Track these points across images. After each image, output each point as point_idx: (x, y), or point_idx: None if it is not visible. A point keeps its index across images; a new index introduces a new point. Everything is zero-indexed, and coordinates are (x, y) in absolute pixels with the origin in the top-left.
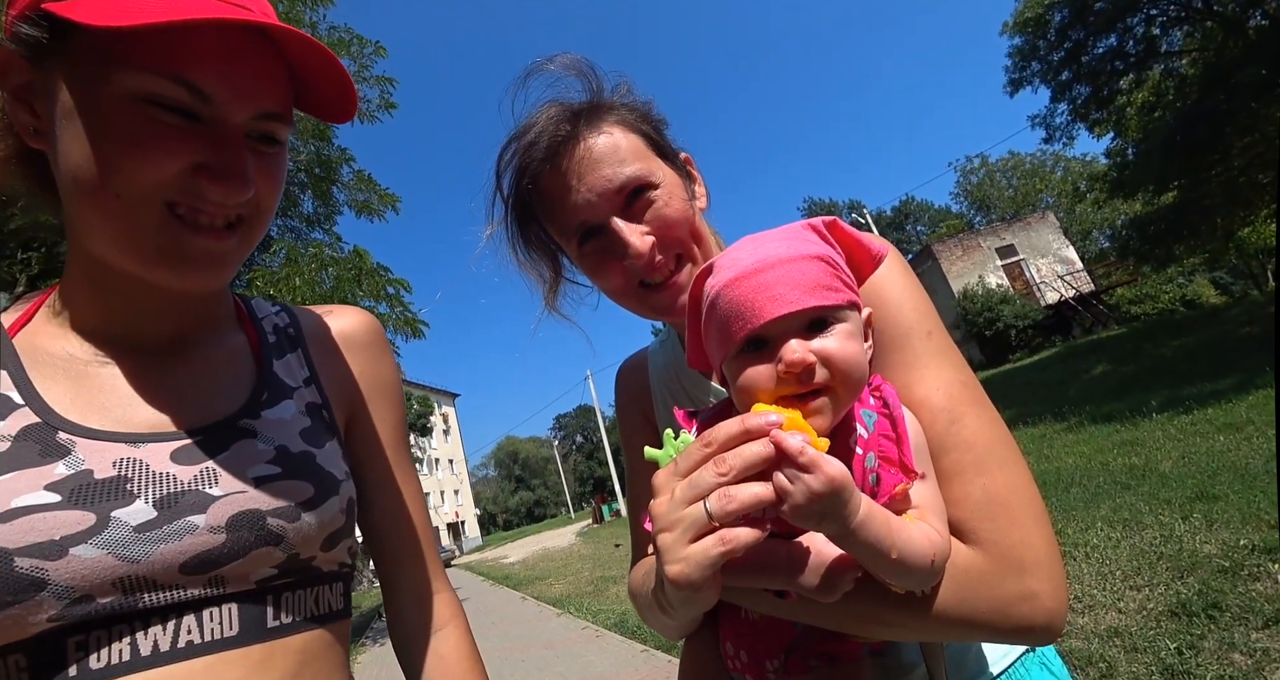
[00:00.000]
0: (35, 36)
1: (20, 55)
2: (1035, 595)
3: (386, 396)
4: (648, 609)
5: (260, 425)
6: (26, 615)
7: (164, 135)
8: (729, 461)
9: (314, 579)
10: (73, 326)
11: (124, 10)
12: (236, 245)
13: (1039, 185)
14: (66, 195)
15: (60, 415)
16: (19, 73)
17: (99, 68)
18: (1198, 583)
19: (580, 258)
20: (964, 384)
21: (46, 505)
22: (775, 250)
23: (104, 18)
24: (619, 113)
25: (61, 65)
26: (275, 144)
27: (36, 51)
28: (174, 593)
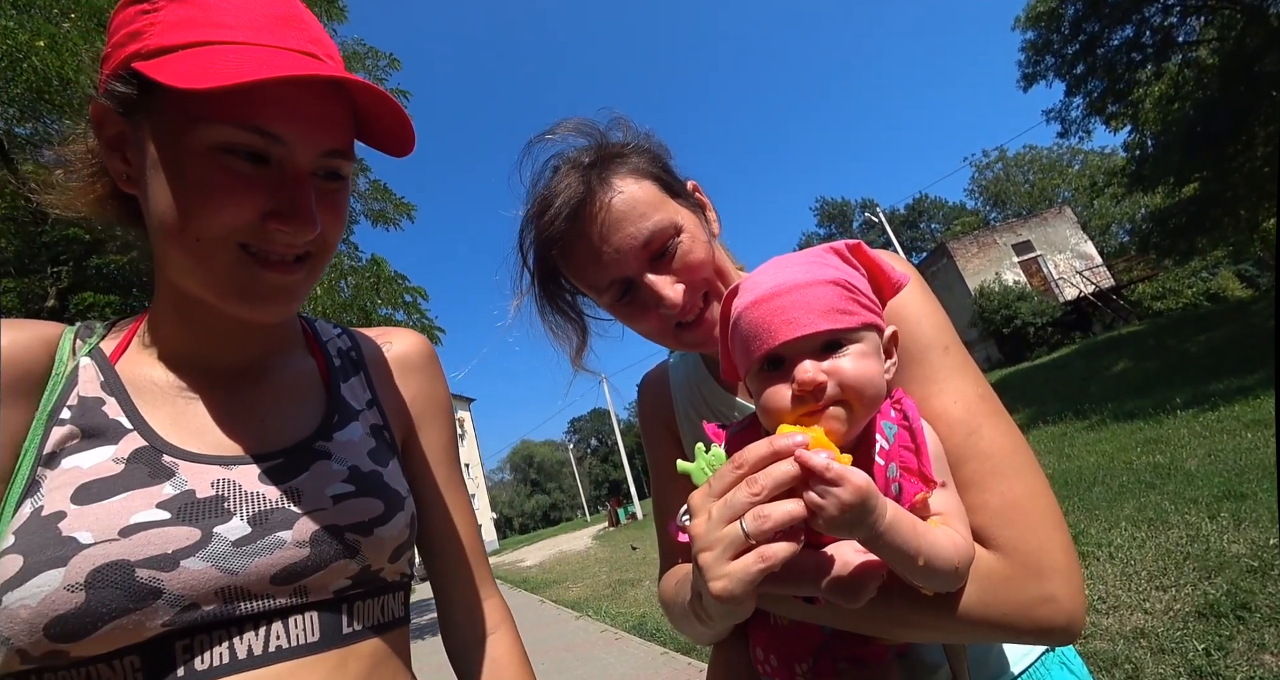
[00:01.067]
0: (126, 93)
1: (113, 109)
2: (1055, 598)
3: (439, 416)
4: (683, 618)
5: (333, 447)
6: (145, 620)
7: (238, 185)
8: (760, 481)
9: (381, 589)
10: (162, 354)
11: (204, 71)
12: (304, 278)
13: (1056, 179)
14: (154, 235)
15: (164, 439)
16: (113, 124)
17: (181, 121)
18: (1226, 583)
19: (614, 308)
20: (981, 397)
21: (160, 522)
22: (793, 275)
23: (186, 79)
24: (629, 160)
25: (149, 118)
26: (339, 179)
27: (127, 106)
28: (265, 601)
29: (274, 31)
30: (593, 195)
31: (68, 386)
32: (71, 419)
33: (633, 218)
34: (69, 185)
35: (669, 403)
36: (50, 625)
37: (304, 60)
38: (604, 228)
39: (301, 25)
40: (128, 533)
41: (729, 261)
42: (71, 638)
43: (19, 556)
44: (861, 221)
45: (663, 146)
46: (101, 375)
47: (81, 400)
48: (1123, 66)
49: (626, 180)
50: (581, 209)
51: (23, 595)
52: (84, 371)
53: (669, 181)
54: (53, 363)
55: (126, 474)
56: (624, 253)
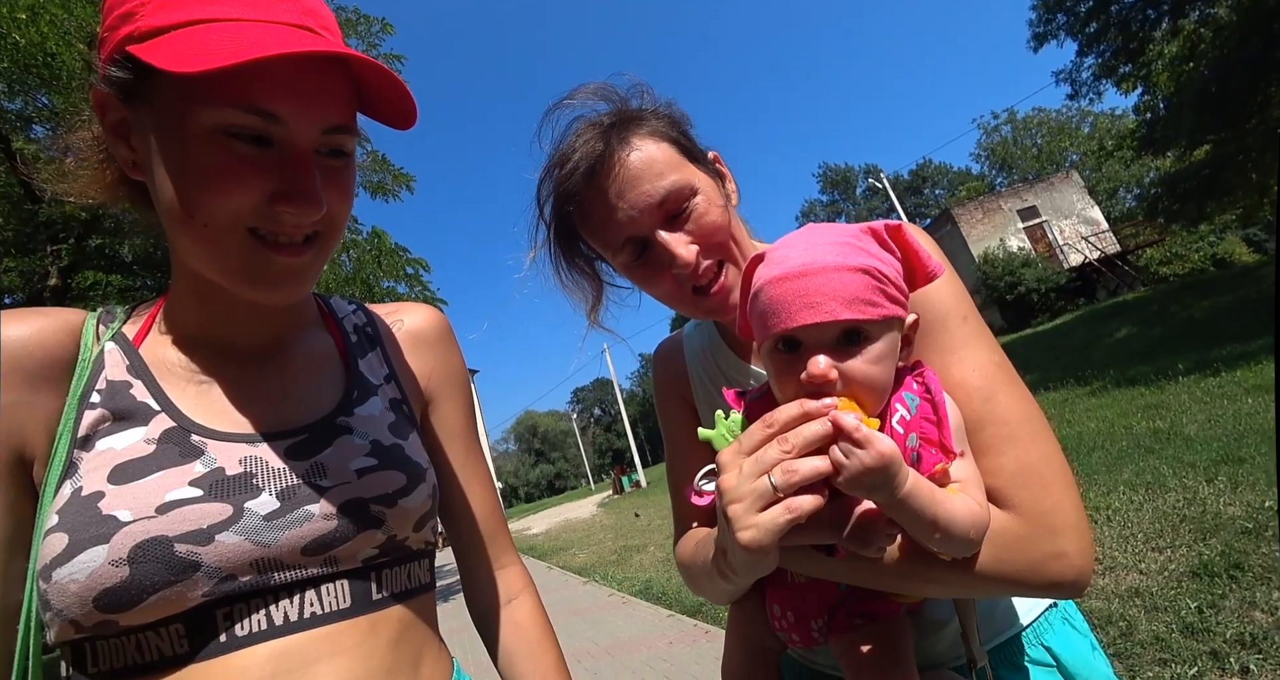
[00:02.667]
0: (123, 78)
1: (113, 95)
2: (1066, 554)
3: (456, 388)
4: (705, 577)
5: (355, 422)
6: (186, 591)
7: (241, 169)
8: (791, 440)
9: (407, 557)
10: (183, 336)
11: (197, 53)
12: (313, 258)
13: (1065, 142)
14: (164, 221)
15: (191, 419)
16: (115, 110)
17: (180, 105)
18: (1220, 544)
19: (628, 269)
20: (998, 365)
21: (193, 499)
22: (824, 256)
23: (179, 63)
24: (648, 123)
25: (149, 103)
26: (343, 156)
27: (126, 91)
28: (297, 571)
29: (266, 5)
30: (611, 152)
31: (95, 371)
32: (102, 402)
33: (649, 176)
34: (80, 173)
35: (684, 372)
36: (99, 598)
37: (299, 34)
38: (621, 185)
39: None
40: (164, 510)
41: (745, 233)
42: (119, 609)
43: (64, 535)
44: (865, 187)
45: (684, 115)
46: (127, 359)
47: (110, 384)
48: (1137, 24)
49: (646, 141)
50: (599, 165)
51: (71, 571)
52: (110, 356)
53: (688, 146)
54: (78, 348)
55: (158, 454)
56: (639, 211)
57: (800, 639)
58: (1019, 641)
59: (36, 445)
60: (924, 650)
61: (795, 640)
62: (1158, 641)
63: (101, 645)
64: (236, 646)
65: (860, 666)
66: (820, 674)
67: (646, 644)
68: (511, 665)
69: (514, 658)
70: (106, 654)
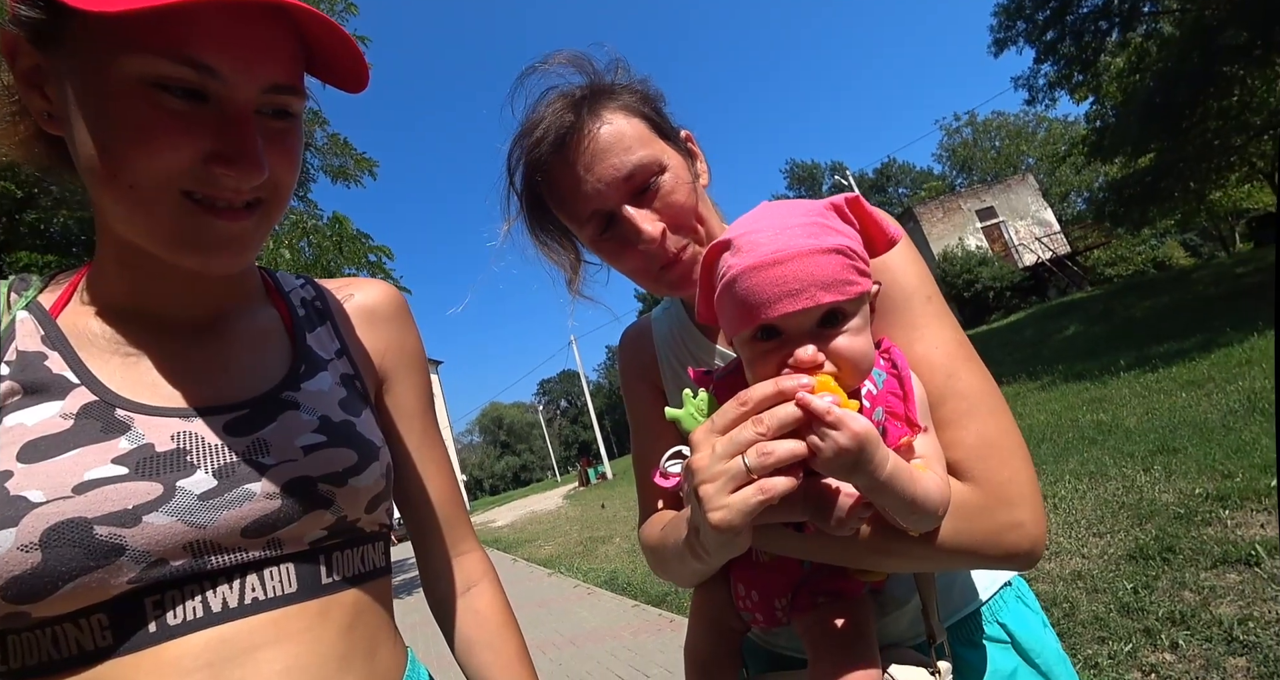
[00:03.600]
0: (36, 18)
1: (25, 38)
2: (1021, 524)
3: (412, 367)
4: (675, 558)
5: (301, 397)
6: (109, 578)
7: (172, 125)
8: (766, 421)
9: (359, 539)
10: (108, 306)
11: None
12: (256, 225)
13: (1022, 146)
14: (86, 181)
15: (115, 393)
16: (26, 56)
17: (103, 52)
18: (1155, 529)
19: (595, 243)
20: (959, 343)
21: (117, 477)
22: (796, 242)
23: (101, 2)
24: (620, 98)
25: (67, 49)
26: (288, 117)
27: (40, 35)
28: (237, 555)
29: None
30: (581, 124)
31: (4, 341)
32: (11, 375)
33: (618, 150)
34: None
35: (652, 355)
36: (7, 586)
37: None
38: (589, 157)
39: None
40: (82, 489)
41: (714, 214)
42: (31, 598)
43: None
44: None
45: (658, 91)
46: (42, 329)
47: (21, 355)
48: (1090, 35)
49: (616, 114)
50: (568, 137)
51: None
52: (21, 325)
53: (660, 123)
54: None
55: (76, 430)
56: (606, 184)
57: (764, 619)
58: (975, 619)
59: None
60: (885, 629)
61: (759, 620)
62: (1097, 621)
63: (13, 640)
64: (168, 636)
65: (822, 644)
66: (781, 656)
67: (612, 634)
68: (471, 655)
69: (474, 647)
70: (18, 650)
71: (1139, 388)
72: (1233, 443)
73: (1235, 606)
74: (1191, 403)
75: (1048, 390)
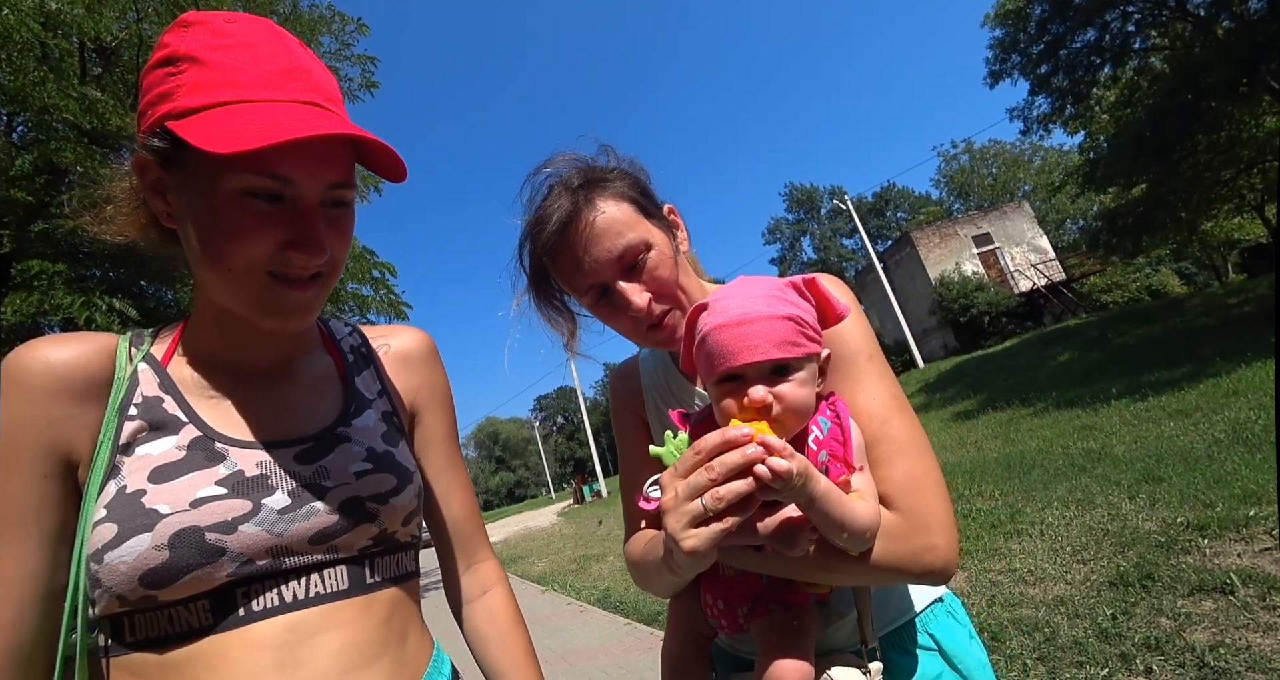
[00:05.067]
0: (163, 147)
1: (152, 160)
2: (935, 547)
3: (440, 403)
4: (654, 572)
5: (352, 431)
6: (213, 572)
7: (259, 223)
8: (715, 468)
9: (395, 547)
10: (204, 357)
11: (229, 134)
12: (318, 293)
13: (1019, 173)
14: (194, 264)
15: (214, 429)
16: (152, 171)
17: (209, 171)
18: (1136, 556)
19: (592, 308)
20: (893, 396)
21: (219, 495)
22: (757, 307)
23: (215, 143)
24: (612, 185)
25: (183, 168)
26: (343, 206)
27: (164, 157)
28: (305, 557)
29: (281, 86)
30: (579, 213)
31: (131, 387)
32: (139, 415)
33: (610, 235)
34: (118, 217)
35: (639, 392)
36: (144, 576)
37: (311, 113)
38: (587, 241)
39: (303, 75)
40: (196, 504)
41: (693, 274)
42: (160, 586)
43: (114, 524)
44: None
45: (643, 171)
46: (158, 377)
47: (145, 399)
48: (1084, 69)
49: (608, 202)
50: (569, 224)
51: (121, 554)
52: (143, 375)
53: (645, 204)
54: (114, 367)
55: (188, 458)
56: (601, 263)
57: (728, 625)
58: (909, 629)
59: (81, 451)
60: (829, 637)
61: (724, 626)
62: (1076, 645)
63: (139, 618)
64: (253, 619)
65: (770, 645)
66: (745, 660)
67: (604, 651)
68: (485, 649)
69: (487, 643)
70: (143, 625)
71: (1129, 416)
72: (1215, 473)
73: (1209, 633)
74: (1179, 432)
75: (1040, 417)
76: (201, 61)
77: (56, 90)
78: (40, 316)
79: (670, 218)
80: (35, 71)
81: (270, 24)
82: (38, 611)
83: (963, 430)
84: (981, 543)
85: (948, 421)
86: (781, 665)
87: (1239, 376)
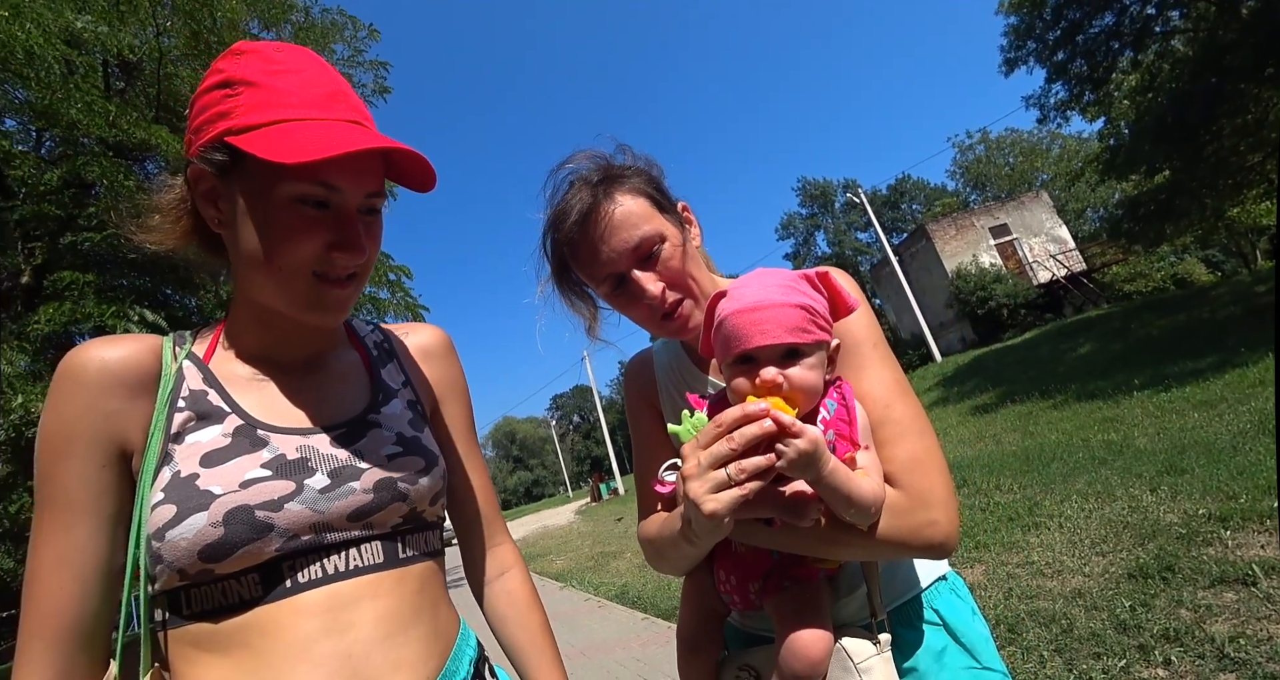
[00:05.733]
0: (221, 160)
1: (209, 171)
2: (936, 522)
3: (458, 394)
4: (671, 547)
5: (382, 418)
6: (263, 547)
7: (308, 227)
8: (736, 439)
9: (424, 526)
10: (243, 353)
11: (288, 147)
12: (354, 290)
13: (1036, 162)
14: (241, 265)
15: (255, 418)
16: (207, 181)
17: (266, 180)
18: (1156, 548)
19: (609, 298)
20: (896, 381)
21: (265, 477)
22: (771, 295)
23: (278, 154)
24: (630, 181)
25: (239, 178)
26: (376, 212)
27: (220, 168)
28: (343, 533)
29: (328, 106)
30: (598, 206)
31: (178, 382)
32: (187, 406)
33: (627, 226)
34: (162, 226)
35: (653, 381)
36: (202, 551)
37: (355, 130)
38: (605, 232)
39: (345, 98)
40: (245, 485)
41: (705, 268)
42: (217, 559)
43: (173, 506)
44: (844, 202)
45: (659, 169)
46: (201, 373)
47: (191, 392)
48: (1102, 55)
49: (626, 196)
50: (588, 217)
51: (181, 532)
52: (187, 371)
53: (660, 200)
54: (160, 364)
55: (234, 445)
56: (618, 253)
57: (740, 601)
58: (914, 604)
59: (134, 442)
60: (839, 611)
61: (736, 602)
62: (1094, 637)
63: (194, 592)
64: (299, 590)
65: (786, 618)
66: (757, 637)
67: (622, 646)
68: (504, 628)
69: (506, 621)
70: (198, 599)
71: (1152, 408)
72: (1239, 464)
73: (1229, 625)
74: (1203, 423)
75: (1060, 409)
76: (257, 84)
77: (83, 105)
78: (71, 325)
79: (684, 214)
80: (62, 88)
81: (312, 53)
82: (99, 589)
83: (981, 424)
84: (999, 536)
85: (966, 415)
86: (802, 635)
87: (1266, 366)
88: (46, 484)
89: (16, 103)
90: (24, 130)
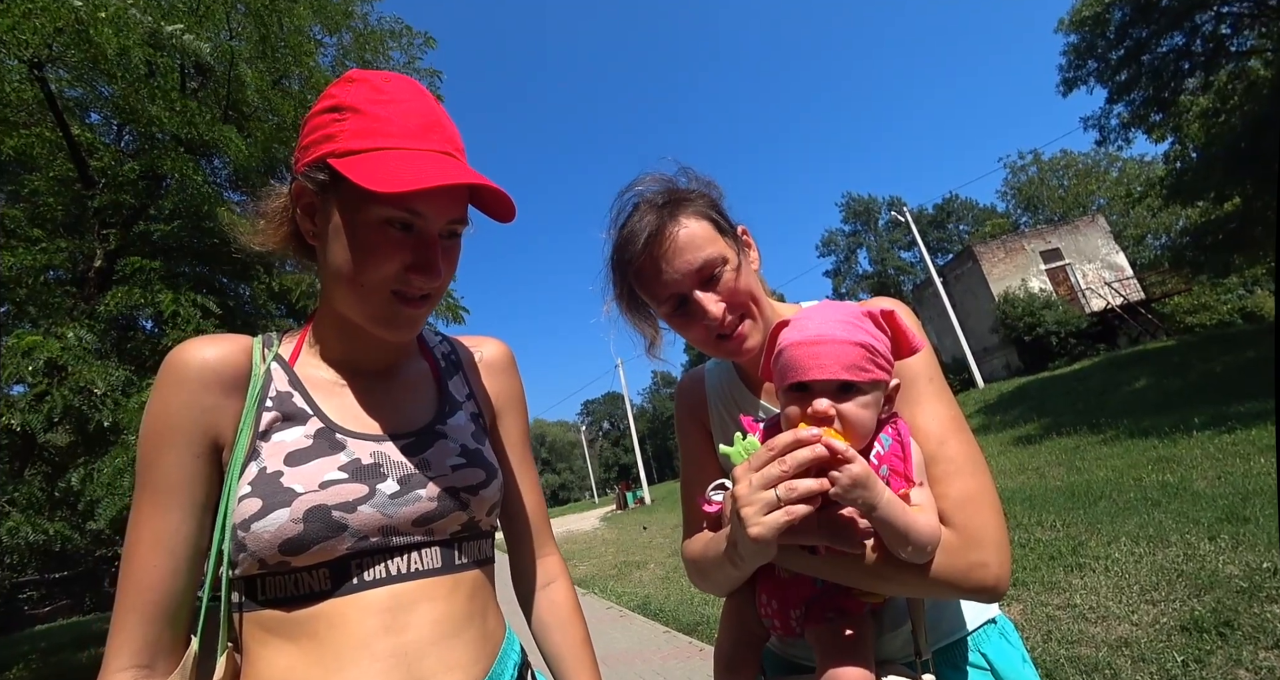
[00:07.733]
0: (322, 179)
1: (311, 188)
2: (987, 564)
3: (517, 407)
4: (714, 567)
5: (448, 429)
6: (336, 545)
7: (393, 248)
8: (788, 462)
9: (479, 534)
10: (325, 358)
11: (384, 175)
12: (426, 310)
13: (1092, 185)
14: (328, 277)
15: (335, 422)
16: (307, 197)
17: (359, 202)
18: (1213, 601)
19: (670, 318)
20: (952, 417)
21: (342, 480)
22: (833, 331)
23: (375, 182)
24: (693, 204)
25: (336, 197)
26: (455, 237)
27: (321, 186)
28: (408, 537)
29: (425, 136)
30: (663, 228)
31: (266, 382)
32: (274, 406)
33: (691, 249)
34: (265, 230)
35: (704, 401)
36: (283, 544)
37: (446, 162)
38: (669, 253)
39: (440, 128)
40: (324, 486)
41: (762, 291)
42: (294, 553)
43: (258, 500)
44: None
45: (719, 191)
46: (287, 375)
47: (278, 393)
48: (1169, 75)
49: (690, 219)
50: (654, 239)
51: (265, 524)
52: (275, 372)
53: (722, 223)
54: (251, 364)
55: (315, 446)
56: (682, 274)
57: (781, 626)
58: (960, 647)
59: (226, 436)
60: (882, 647)
61: (777, 627)
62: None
63: (270, 580)
64: (365, 588)
65: (829, 651)
66: (795, 664)
67: (641, 658)
68: (547, 636)
69: (549, 629)
70: (273, 586)
71: (1212, 449)
72: None
73: None
74: (1270, 470)
75: (1110, 444)
76: (362, 112)
77: (162, 103)
78: (135, 310)
79: (744, 238)
80: (145, 87)
81: (415, 83)
82: (187, 568)
83: (1023, 456)
84: (1039, 575)
85: (1007, 445)
86: (843, 672)
87: None
88: (148, 470)
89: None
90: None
